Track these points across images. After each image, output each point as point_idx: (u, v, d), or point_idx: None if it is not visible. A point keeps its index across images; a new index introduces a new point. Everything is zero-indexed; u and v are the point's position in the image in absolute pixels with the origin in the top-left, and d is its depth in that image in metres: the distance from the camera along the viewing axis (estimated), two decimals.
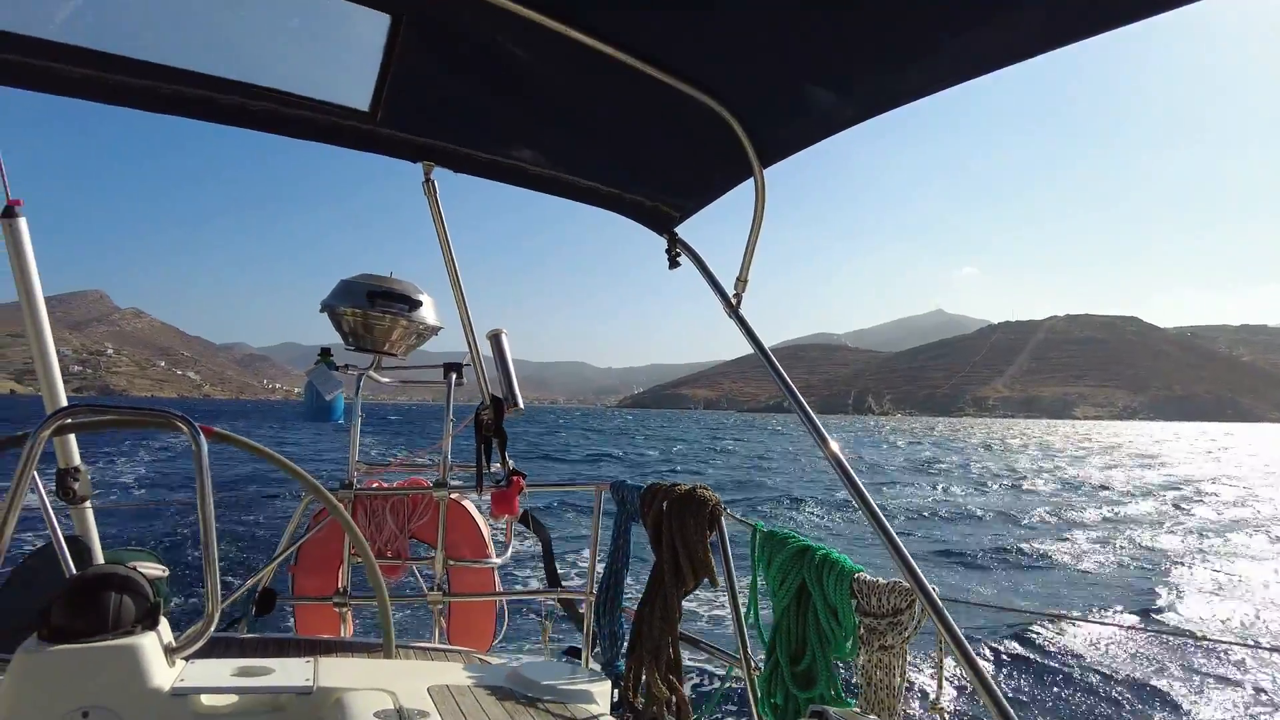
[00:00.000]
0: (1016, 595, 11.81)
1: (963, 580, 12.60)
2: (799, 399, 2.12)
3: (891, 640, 1.99)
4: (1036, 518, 20.47)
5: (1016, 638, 8.52)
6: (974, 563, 14.03)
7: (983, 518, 20.41)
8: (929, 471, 36.54)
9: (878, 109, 1.92)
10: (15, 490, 1.78)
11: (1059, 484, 30.97)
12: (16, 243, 2.61)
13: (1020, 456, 51.54)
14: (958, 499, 25.06)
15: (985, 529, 18.48)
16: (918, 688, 5.64)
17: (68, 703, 1.58)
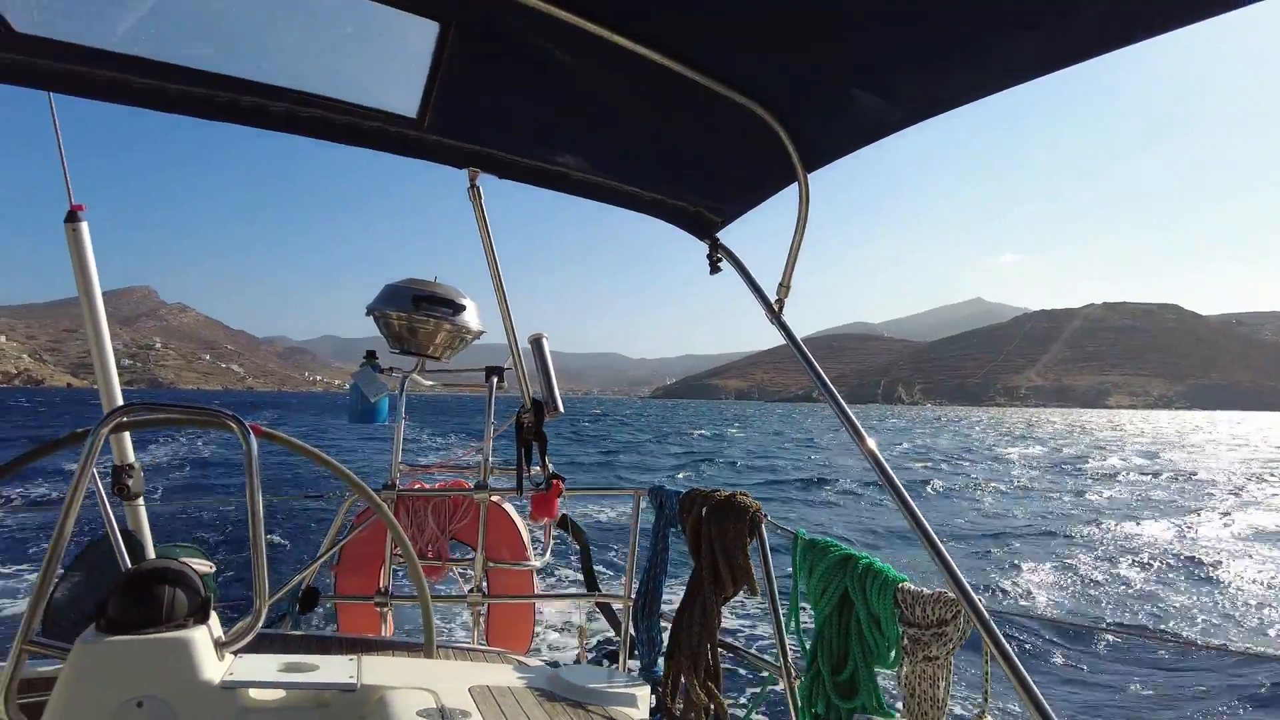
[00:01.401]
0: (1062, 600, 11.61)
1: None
2: (837, 399, 2.11)
3: (936, 651, 1.97)
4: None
5: (1065, 650, 8.36)
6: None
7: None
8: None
9: (926, 113, 1.88)
10: (77, 484, 1.82)
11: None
12: (79, 246, 2.71)
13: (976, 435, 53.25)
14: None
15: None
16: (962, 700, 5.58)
17: (124, 692, 1.63)
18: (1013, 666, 1.57)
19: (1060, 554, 14.51)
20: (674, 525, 2.91)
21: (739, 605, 8.36)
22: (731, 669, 5.90)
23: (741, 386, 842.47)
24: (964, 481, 27.62)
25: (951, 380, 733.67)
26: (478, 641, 3.63)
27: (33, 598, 1.75)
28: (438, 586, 3.91)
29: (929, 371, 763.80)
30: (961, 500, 23.31)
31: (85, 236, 2.72)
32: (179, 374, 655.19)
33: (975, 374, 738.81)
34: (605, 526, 15.09)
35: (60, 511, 1.79)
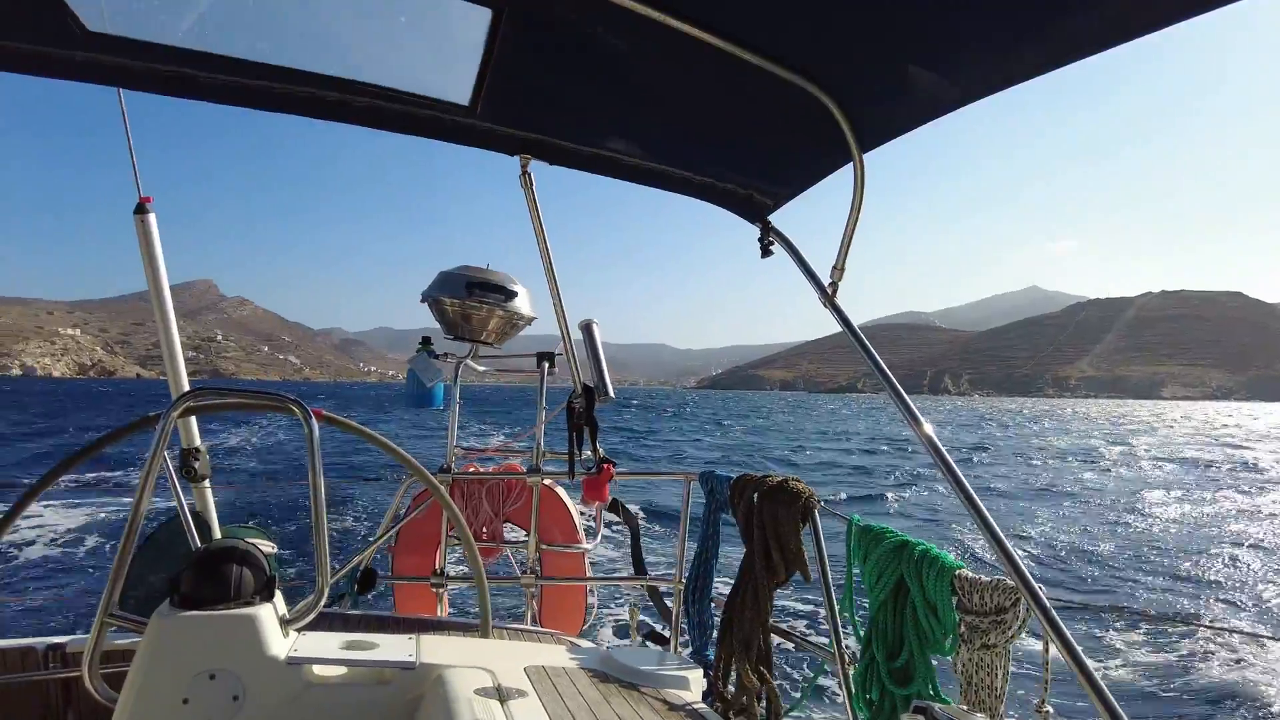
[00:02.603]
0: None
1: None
2: (894, 384, 2.07)
3: (994, 639, 1.94)
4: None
5: (1129, 641, 8.14)
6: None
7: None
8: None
9: (984, 91, 1.83)
10: (150, 465, 1.90)
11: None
12: (147, 237, 2.81)
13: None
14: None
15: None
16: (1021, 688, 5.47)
17: (197, 664, 1.70)
18: (1075, 656, 1.53)
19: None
20: (724, 510, 2.92)
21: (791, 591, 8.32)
22: (783, 654, 5.90)
23: (787, 377, 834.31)
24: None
25: (1000, 371, 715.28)
26: (531, 623, 3.68)
27: (112, 573, 1.82)
28: (491, 568, 3.98)
29: (977, 362, 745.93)
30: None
31: (153, 228, 2.82)
32: (239, 365, 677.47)
33: (1025, 365, 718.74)
34: (655, 511, 15.15)
35: (135, 492, 1.87)
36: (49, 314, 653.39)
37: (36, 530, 12.75)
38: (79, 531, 13.23)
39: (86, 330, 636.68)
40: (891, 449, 37.14)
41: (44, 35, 1.92)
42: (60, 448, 26.05)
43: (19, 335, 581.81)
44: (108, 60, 2.01)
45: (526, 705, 1.76)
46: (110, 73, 2.08)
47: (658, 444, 41.45)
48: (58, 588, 9.98)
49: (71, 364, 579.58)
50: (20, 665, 2.51)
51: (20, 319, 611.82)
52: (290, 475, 20.87)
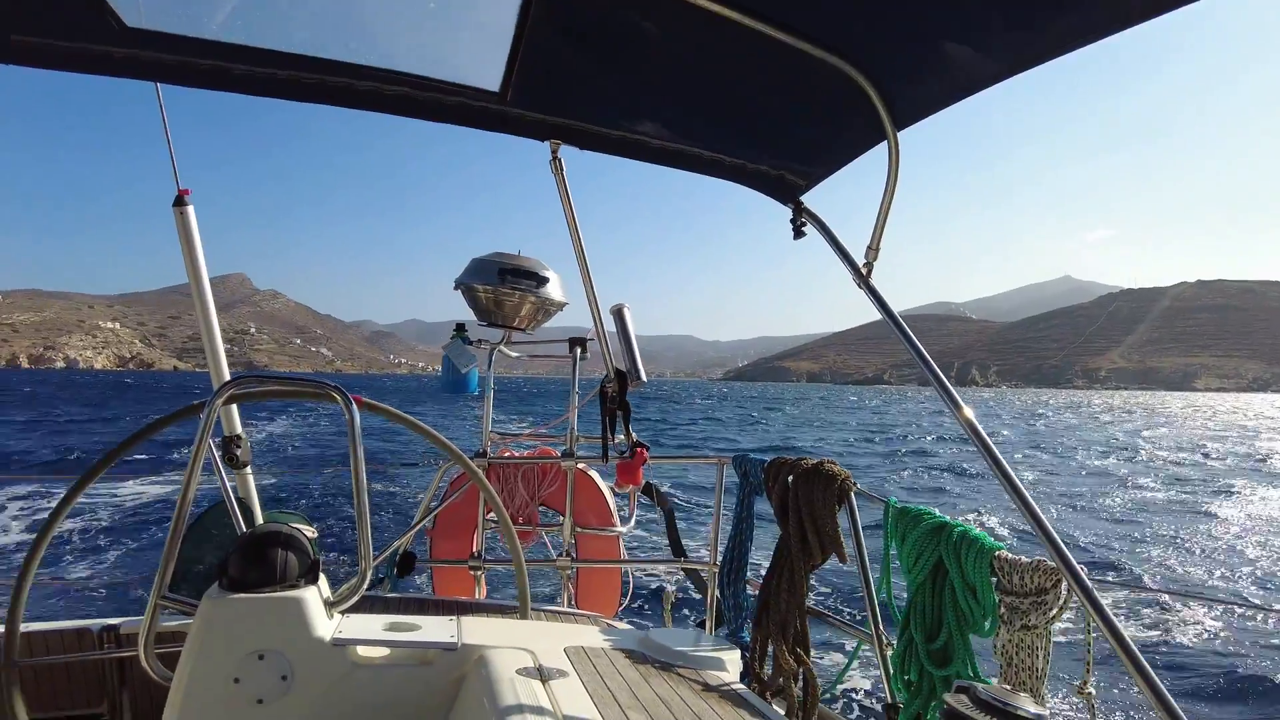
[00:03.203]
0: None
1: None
2: (933, 368, 2.04)
3: (1035, 620, 1.92)
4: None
5: (1174, 623, 8.00)
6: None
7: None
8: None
9: (1023, 65, 1.79)
10: (197, 451, 1.93)
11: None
12: (186, 229, 2.86)
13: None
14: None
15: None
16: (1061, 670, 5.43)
17: (247, 645, 1.74)
18: (1119, 638, 1.51)
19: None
20: (758, 494, 2.92)
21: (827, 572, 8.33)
22: (820, 636, 5.90)
23: (813, 369, 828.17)
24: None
25: (1029, 363, 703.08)
26: (568, 605, 3.72)
27: (163, 557, 1.87)
28: (527, 551, 4.03)
29: (1006, 353, 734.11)
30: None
31: (192, 219, 2.87)
32: (271, 357, 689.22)
33: (1054, 356, 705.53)
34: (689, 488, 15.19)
35: (183, 479, 1.90)
36: (90, 307, 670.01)
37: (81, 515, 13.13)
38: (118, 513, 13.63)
39: (125, 323, 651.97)
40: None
41: (84, 32, 1.94)
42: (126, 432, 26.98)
43: (62, 329, 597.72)
44: (146, 56, 2.04)
45: (568, 685, 1.77)
46: (148, 68, 2.11)
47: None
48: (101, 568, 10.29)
49: (112, 356, 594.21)
50: (77, 645, 2.59)
51: (63, 313, 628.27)
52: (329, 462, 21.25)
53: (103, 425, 37.18)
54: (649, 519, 7.40)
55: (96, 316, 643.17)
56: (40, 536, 2.04)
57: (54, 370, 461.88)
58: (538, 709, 1.59)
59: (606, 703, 1.69)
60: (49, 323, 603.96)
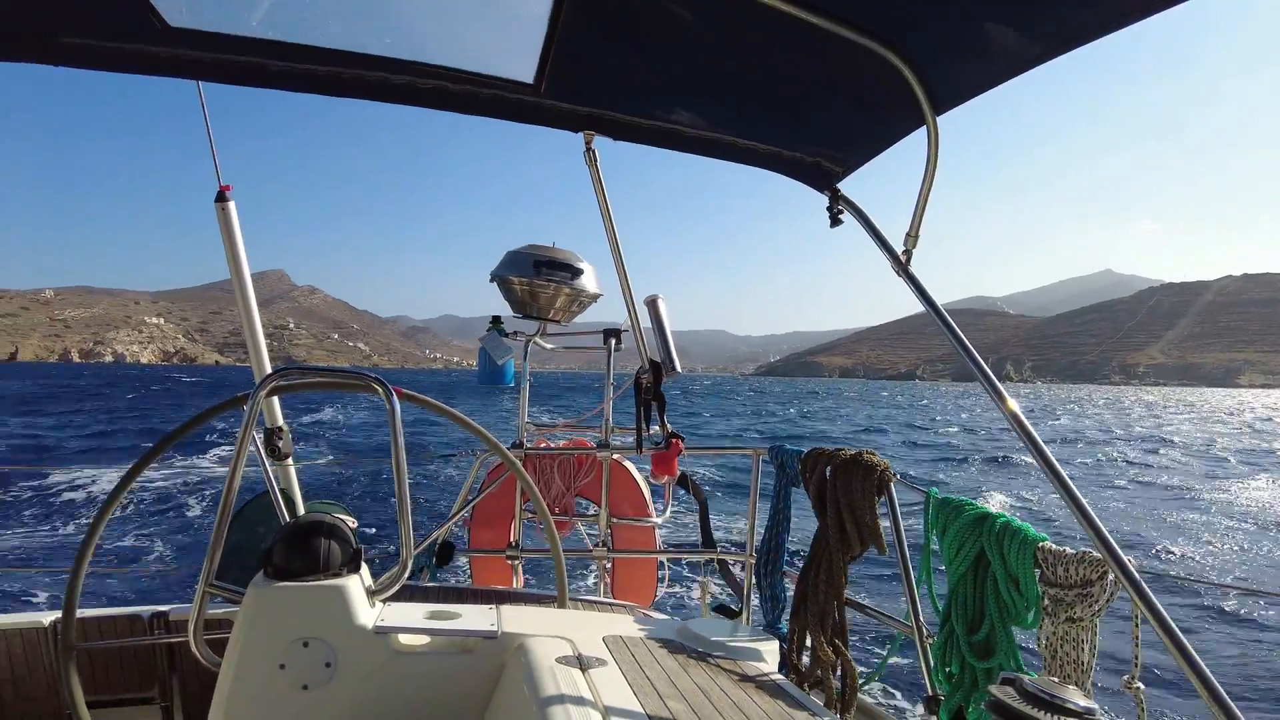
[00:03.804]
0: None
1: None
2: (976, 359, 2.01)
3: (1080, 613, 1.88)
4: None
5: (1222, 613, 7.79)
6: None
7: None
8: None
9: (1067, 45, 1.74)
10: (241, 444, 1.96)
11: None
12: (228, 224, 2.90)
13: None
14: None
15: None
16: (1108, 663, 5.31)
17: (292, 632, 1.77)
18: (1168, 631, 1.47)
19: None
20: (795, 484, 2.90)
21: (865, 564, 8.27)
22: (859, 627, 5.85)
23: (846, 364, 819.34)
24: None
25: (1065, 358, 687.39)
26: (604, 595, 3.74)
27: (210, 546, 1.90)
28: (563, 541, 4.05)
29: (1042, 349, 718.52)
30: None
31: (233, 215, 2.91)
32: (310, 352, 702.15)
33: (1091, 351, 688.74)
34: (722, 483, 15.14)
35: (228, 471, 1.94)
36: (136, 304, 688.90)
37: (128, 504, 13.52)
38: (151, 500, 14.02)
39: (169, 319, 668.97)
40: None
41: (128, 33, 1.98)
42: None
43: (110, 324, 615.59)
44: (187, 54, 2.08)
45: (607, 674, 1.78)
46: (190, 67, 2.14)
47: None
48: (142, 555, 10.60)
49: (157, 351, 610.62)
50: (129, 631, 2.67)
51: (111, 309, 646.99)
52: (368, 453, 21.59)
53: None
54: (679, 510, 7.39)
55: (142, 312, 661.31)
56: (94, 525, 2.09)
57: (103, 364, 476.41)
58: (578, 697, 1.59)
59: (646, 692, 1.69)
60: (98, 318, 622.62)
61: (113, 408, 49.96)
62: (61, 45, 2.01)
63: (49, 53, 2.02)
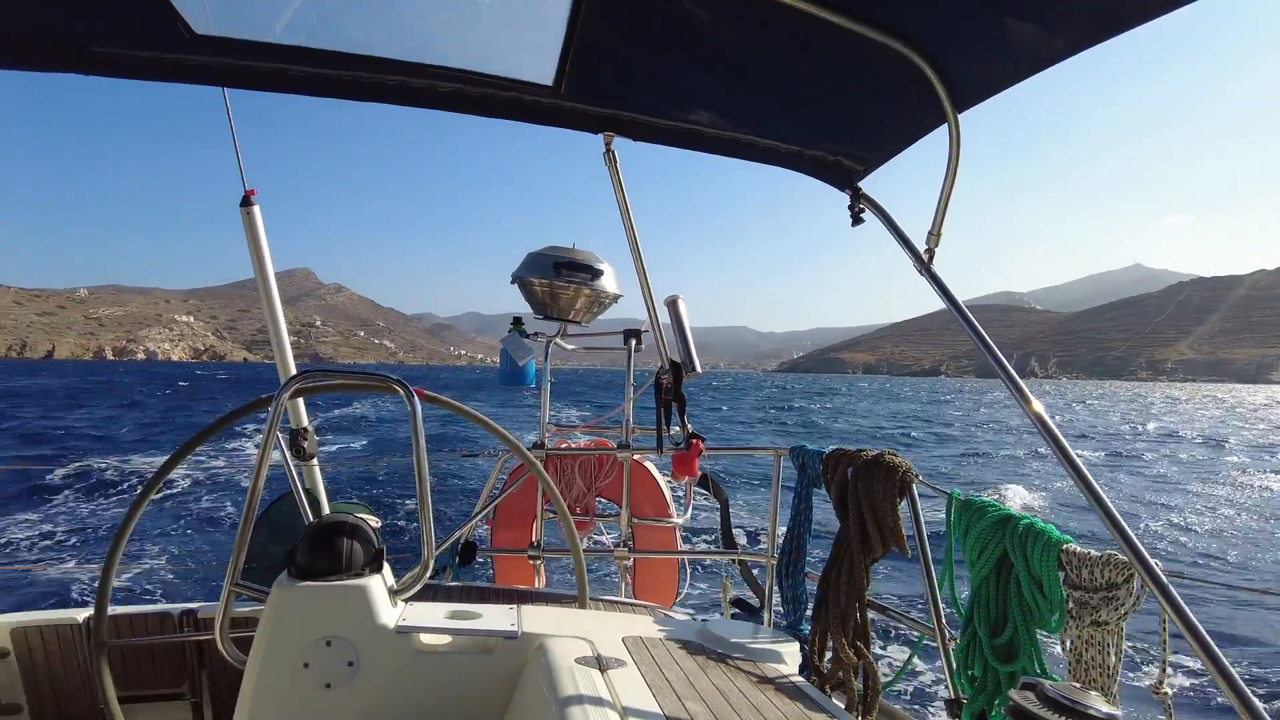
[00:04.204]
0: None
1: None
2: (999, 358, 1.98)
3: (1106, 616, 1.86)
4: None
5: (1251, 617, 7.65)
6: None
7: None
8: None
9: (1092, 40, 1.70)
10: (265, 444, 1.98)
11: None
12: (253, 228, 2.93)
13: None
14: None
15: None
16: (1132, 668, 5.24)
17: (315, 631, 1.79)
18: (1197, 636, 1.44)
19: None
20: (816, 485, 2.89)
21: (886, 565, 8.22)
22: (881, 629, 5.81)
23: (869, 360, 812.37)
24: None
25: (1091, 354, 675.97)
26: (625, 595, 3.75)
27: (235, 546, 1.93)
28: (584, 542, 4.06)
29: (1068, 344, 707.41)
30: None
31: (258, 219, 2.95)
32: (336, 349, 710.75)
33: (1118, 347, 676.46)
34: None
35: (253, 471, 1.97)
36: (166, 302, 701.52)
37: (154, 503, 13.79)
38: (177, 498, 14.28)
39: (199, 317, 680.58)
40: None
41: (155, 41, 2.00)
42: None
43: (142, 322, 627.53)
44: (214, 62, 2.09)
45: (626, 674, 1.78)
46: (216, 73, 2.17)
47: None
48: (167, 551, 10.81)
49: (187, 349, 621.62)
50: (159, 628, 2.72)
51: (143, 307, 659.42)
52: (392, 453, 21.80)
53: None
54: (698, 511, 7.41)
55: (173, 311, 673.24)
56: (123, 526, 2.13)
57: (134, 361, 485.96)
58: (596, 698, 1.60)
59: (664, 692, 1.69)
60: (130, 317, 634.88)
61: (150, 403, 51.16)
62: (93, 55, 2.04)
63: (81, 63, 2.06)
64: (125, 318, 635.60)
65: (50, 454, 23.28)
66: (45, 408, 44.32)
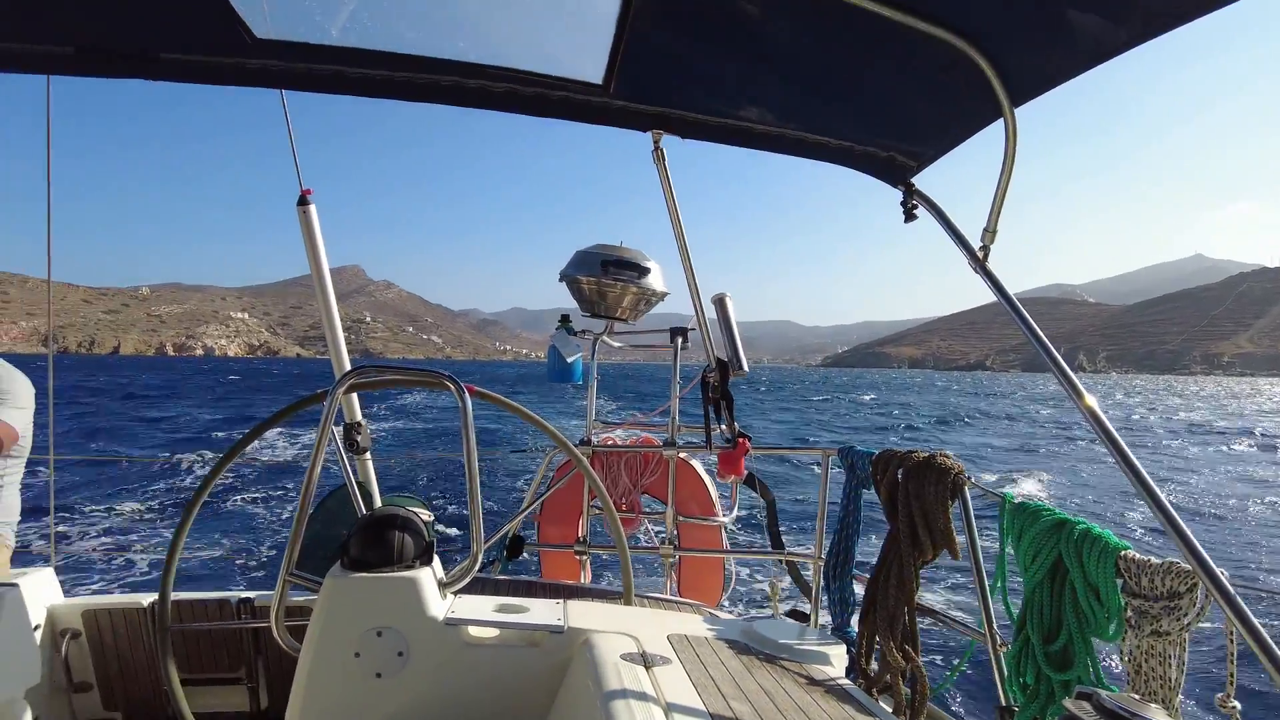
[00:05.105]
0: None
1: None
2: (1053, 354, 1.92)
3: (1167, 626, 1.80)
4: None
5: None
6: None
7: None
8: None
9: (1160, 29, 1.63)
10: (320, 439, 2.02)
11: None
12: (309, 227, 3.00)
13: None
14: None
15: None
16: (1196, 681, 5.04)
17: (366, 622, 1.82)
18: (1266, 650, 1.39)
19: None
20: (865, 486, 2.86)
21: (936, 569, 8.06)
22: (930, 633, 5.72)
23: (915, 354, 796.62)
24: None
25: (1143, 347, 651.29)
26: (670, 593, 3.75)
27: (291, 537, 1.97)
28: (629, 539, 4.08)
29: (1120, 338, 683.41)
30: None
31: (314, 217, 3.02)
32: (386, 345, 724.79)
33: (1172, 340, 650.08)
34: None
35: (309, 464, 2.00)
36: (222, 299, 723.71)
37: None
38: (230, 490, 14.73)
39: (253, 314, 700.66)
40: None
41: (217, 46, 2.06)
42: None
43: (200, 319, 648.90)
44: (274, 65, 2.15)
45: (671, 672, 1.77)
46: (276, 77, 2.22)
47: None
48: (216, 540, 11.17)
49: (243, 345, 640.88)
50: (218, 615, 2.80)
51: (201, 305, 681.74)
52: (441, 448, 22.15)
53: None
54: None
55: (228, 308, 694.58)
56: (185, 515, 2.20)
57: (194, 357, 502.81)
58: (641, 694, 1.60)
59: (710, 691, 1.69)
60: (189, 314, 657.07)
61: (230, 396, 53.19)
62: (161, 62, 2.10)
63: (150, 70, 2.12)
64: (184, 315, 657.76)
65: (134, 447, 24.35)
66: (130, 401, 46.51)
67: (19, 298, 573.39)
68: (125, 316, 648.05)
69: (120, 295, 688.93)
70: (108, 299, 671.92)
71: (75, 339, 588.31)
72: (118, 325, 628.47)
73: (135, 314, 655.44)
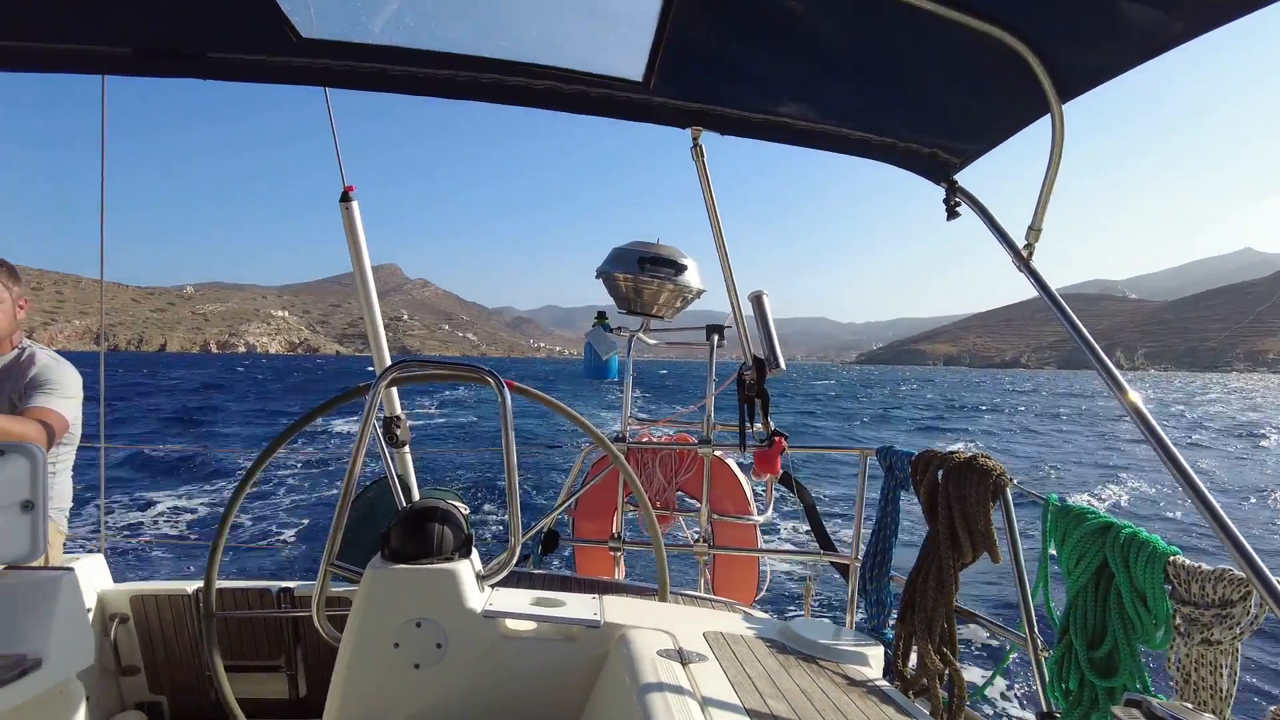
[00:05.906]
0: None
1: None
2: (1097, 351, 1.88)
3: (1219, 635, 1.76)
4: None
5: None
6: None
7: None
8: None
9: (1214, 21, 1.57)
10: (363, 432, 2.05)
11: None
12: (351, 223, 3.04)
13: None
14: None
15: None
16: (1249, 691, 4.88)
17: (406, 613, 1.85)
18: None
19: None
20: (904, 487, 2.83)
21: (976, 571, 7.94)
22: (969, 637, 5.63)
23: (951, 352, 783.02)
24: None
25: (1184, 344, 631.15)
26: (704, 591, 3.75)
27: (332, 528, 2.00)
28: (664, 536, 4.08)
29: (1160, 334, 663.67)
30: None
31: (356, 214, 3.06)
32: (423, 342, 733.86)
33: (1215, 337, 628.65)
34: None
35: (350, 456, 2.03)
36: (263, 298, 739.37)
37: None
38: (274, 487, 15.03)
39: (293, 312, 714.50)
40: None
41: (265, 45, 2.10)
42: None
43: (242, 318, 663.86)
44: (319, 64, 2.18)
45: (707, 669, 1.78)
46: (321, 75, 2.26)
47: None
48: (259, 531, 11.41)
49: (284, 342, 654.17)
50: (260, 604, 2.86)
51: (243, 303, 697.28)
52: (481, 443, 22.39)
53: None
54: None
55: (269, 306, 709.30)
56: (230, 505, 2.25)
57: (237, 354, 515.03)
58: (678, 689, 1.60)
59: (746, 689, 1.68)
60: (232, 312, 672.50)
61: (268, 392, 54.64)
62: (210, 61, 2.16)
63: (200, 69, 2.17)
64: (227, 313, 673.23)
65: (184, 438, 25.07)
66: (183, 395, 48.07)
67: (73, 297, 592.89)
68: (171, 315, 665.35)
69: (166, 294, 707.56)
70: (154, 298, 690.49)
71: (125, 337, 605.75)
72: (164, 324, 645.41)
73: (181, 312, 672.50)
